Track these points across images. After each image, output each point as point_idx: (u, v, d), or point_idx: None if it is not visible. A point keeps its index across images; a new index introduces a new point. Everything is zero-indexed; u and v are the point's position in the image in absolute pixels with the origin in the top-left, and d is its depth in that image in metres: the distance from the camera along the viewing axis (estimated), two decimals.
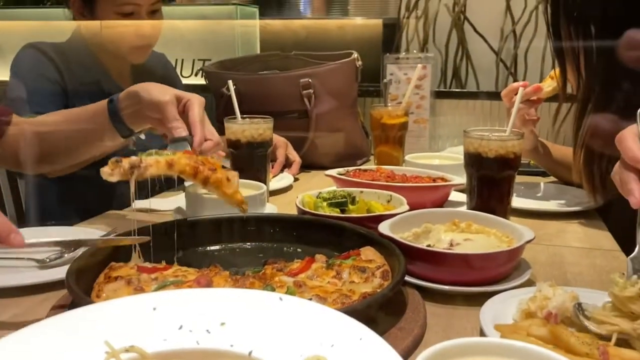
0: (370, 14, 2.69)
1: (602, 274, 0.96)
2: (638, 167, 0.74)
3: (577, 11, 1.11)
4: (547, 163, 1.48)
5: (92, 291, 0.76)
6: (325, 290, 0.76)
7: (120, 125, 1.12)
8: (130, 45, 1.55)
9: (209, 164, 0.94)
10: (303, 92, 1.67)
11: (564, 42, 1.17)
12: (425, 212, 1.02)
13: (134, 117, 1.11)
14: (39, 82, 1.48)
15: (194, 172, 0.92)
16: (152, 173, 0.89)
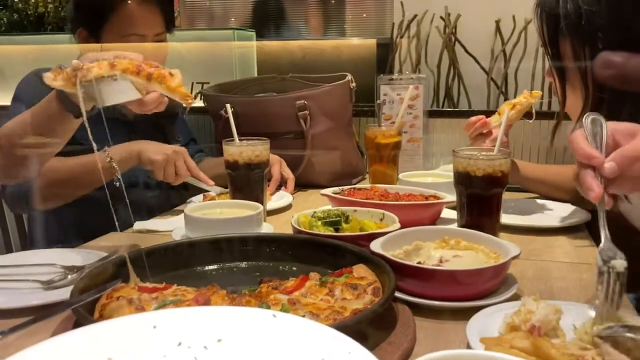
0: (366, 34, 2.75)
1: (587, 288, 0.99)
2: (592, 163, 0.79)
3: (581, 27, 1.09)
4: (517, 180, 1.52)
5: (95, 311, 0.79)
6: (318, 307, 0.79)
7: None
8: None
9: (150, 63, 0.98)
10: (299, 114, 1.72)
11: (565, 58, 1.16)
12: (415, 230, 1.05)
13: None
14: None
15: (136, 70, 0.95)
16: (96, 74, 0.92)
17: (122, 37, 1.53)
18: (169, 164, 1.42)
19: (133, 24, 1.54)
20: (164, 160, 1.41)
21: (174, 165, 1.42)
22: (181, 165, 1.43)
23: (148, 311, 0.76)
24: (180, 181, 1.45)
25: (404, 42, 2.12)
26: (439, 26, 2.09)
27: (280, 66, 2.84)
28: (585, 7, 1.08)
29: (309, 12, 5.37)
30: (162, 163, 1.41)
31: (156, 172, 1.42)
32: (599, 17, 1.08)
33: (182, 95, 0.99)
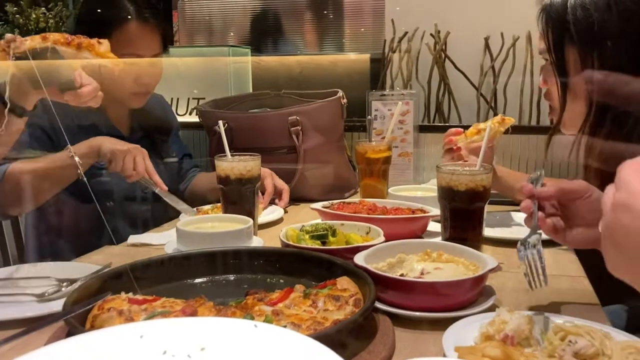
0: (362, 49, 2.80)
1: (565, 299, 1.02)
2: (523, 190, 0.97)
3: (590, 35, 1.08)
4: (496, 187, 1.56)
5: (87, 322, 0.83)
6: (300, 317, 0.83)
7: None
8: (130, 91, 1.65)
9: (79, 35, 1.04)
10: (291, 129, 1.76)
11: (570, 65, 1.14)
12: (399, 243, 1.09)
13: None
14: (32, 127, 1.57)
15: (67, 41, 1.00)
16: (29, 46, 0.97)
17: (120, 56, 1.58)
18: (128, 155, 1.45)
19: (132, 45, 1.60)
20: (123, 151, 1.44)
21: (133, 160, 1.45)
22: (140, 161, 1.46)
23: (137, 322, 0.79)
24: (136, 178, 1.46)
25: (396, 58, 2.17)
26: (429, 43, 2.14)
27: (278, 80, 2.89)
28: (596, 15, 1.07)
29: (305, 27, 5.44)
30: (121, 154, 1.44)
31: (115, 162, 1.44)
32: (610, 25, 1.07)
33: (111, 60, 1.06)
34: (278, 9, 5.64)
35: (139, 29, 1.61)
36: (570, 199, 0.95)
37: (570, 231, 0.97)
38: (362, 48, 2.87)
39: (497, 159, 1.66)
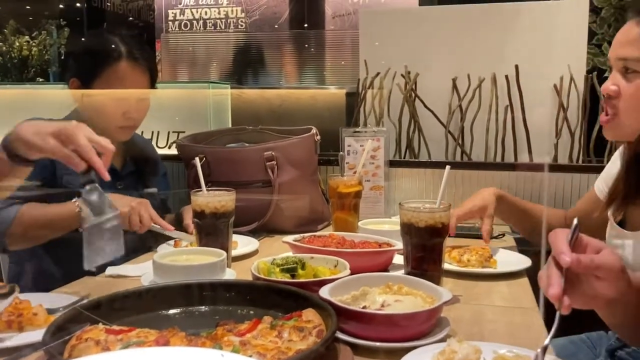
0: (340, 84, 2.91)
1: (516, 330, 1.09)
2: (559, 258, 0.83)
3: None
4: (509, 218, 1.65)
5: (65, 351, 0.88)
6: (266, 347, 0.89)
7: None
8: (117, 124, 1.72)
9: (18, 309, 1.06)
10: (267, 164, 1.83)
11: None
12: (363, 277, 1.16)
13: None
14: None
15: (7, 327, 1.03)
16: None
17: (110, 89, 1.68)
18: (133, 214, 1.55)
19: (122, 82, 1.70)
20: (129, 211, 1.54)
21: (138, 215, 1.55)
22: (145, 215, 1.56)
23: (112, 351, 0.85)
24: (144, 230, 1.58)
25: (369, 96, 2.27)
26: (400, 83, 2.24)
27: (259, 113, 2.98)
28: None
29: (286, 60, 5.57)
30: (127, 214, 1.54)
31: (122, 222, 1.50)
32: None
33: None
34: (261, 42, 5.78)
35: (129, 69, 1.71)
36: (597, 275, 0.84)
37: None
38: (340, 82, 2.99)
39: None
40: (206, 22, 6.28)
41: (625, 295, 0.87)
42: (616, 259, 0.85)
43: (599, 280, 0.84)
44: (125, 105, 1.71)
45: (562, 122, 2.15)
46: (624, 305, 0.90)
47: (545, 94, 2.19)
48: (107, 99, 1.69)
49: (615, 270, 0.84)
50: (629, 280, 0.88)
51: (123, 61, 1.69)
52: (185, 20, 6.32)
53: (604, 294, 0.85)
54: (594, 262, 0.83)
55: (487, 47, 2.23)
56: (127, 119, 1.73)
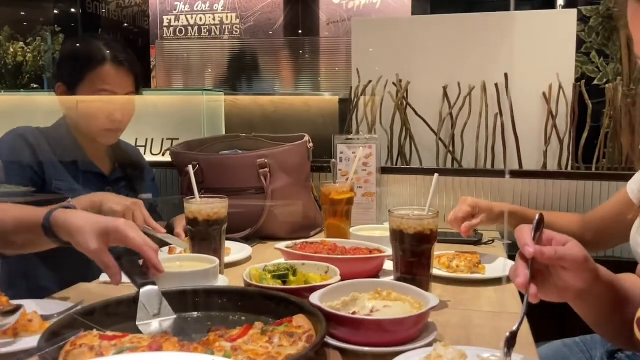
0: (334, 90, 2.94)
1: (502, 335, 1.10)
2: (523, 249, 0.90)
3: None
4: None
5: (60, 357, 0.90)
6: (256, 353, 0.91)
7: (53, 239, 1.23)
8: (102, 127, 1.75)
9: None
10: (260, 171, 1.86)
11: None
12: (352, 283, 1.18)
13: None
14: (14, 166, 1.67)
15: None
16: None
17: (95, 92, 1.72)
18: (127, 213, 1.55)
19: (106, 82, 1.73)
20: (123, 210, 1.55)
21: (132, 215, 1.56)
22: (138, 215, 1.57)
23: (106, 357, 0.87)
24: None
25: (361, 104, 2.30)
26: (391, 91, 2.27)
27: (252, 119, 3.01)
28: None
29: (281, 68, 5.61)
30: (121, 213, 1.54)
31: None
32: None
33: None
34: (255, 48, 5.81)
35: (113, 70, 1.74)
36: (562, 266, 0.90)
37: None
38: (335, 88, 3.02)
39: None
40: (201, 28, 6.32)
41: (593, 285, 0.92)
42: (580, 250, 0.90)
43: (565, 271, 0.90)
44: (111, 108, 1.74)
45: (551, 129, 2.19)
46: (595, 297, 0.95)
47: (534, 102, 2.23)
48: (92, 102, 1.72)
49: (579, 260, 0.89)
50: (596, 270, 0.93)
51: (107, 64, 1.73)
52: (180, 26, 6.36)
53: (571, 285, 0.91)
54: (557, 253, 0.89)
55: (477, 55, 2.27)
56: (113, 121, 1.75)
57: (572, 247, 0.91)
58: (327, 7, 6.00)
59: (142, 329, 1.04)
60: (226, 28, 6.29)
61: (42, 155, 1.70)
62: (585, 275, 0.91)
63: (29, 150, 1.69)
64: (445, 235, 1.86)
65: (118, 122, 1.77)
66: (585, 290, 0.92)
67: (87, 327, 0.98)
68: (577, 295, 0.94)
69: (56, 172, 1.70)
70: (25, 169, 1.67)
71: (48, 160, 1.70)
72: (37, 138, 1.73)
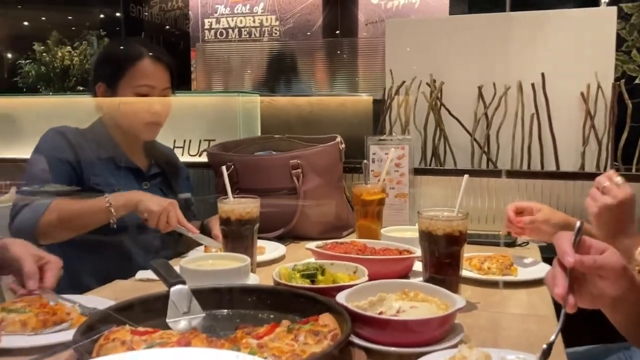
0: (372, 91, 2.94)
1: (530, 338, 1.10)
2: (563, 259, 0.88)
3: None
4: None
5: (94, 351, 0.94)
6: (282, 350, 0.93)
7: None
8: (142, 122, 1.81)
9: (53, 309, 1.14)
10: (292, 172, 1.88)
11: None
12: (380, 283, 1.19)
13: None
14: (54, 162, 1.74)
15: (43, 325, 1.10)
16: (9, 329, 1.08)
17: (134, 88, 1.79)
18: (163, 214, 1.60)
19: (145, 76, 1.80)
20: (159, 211, 1.60)
21: (166, 216, 1.60)
22: (173, 215, 1.61)
23: (136, 350, 0.90)
24: (170, 229, 1.63)
25: (394, 104, 2.30)
26: (425, 92, 2.26)
27: (288, 120, 3.03)
28: None
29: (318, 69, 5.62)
30: (157, 213, 1.59)
31: (151, 220, 1.60)
32: None
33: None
34: (293, 50, 5.85)
35: (152, 65, 1.81)
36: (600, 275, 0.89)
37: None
38: (372, 89, 3.01)
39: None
40: (241, 30, 6.40)
41: (629, 294, 0.90)
42: (618, 259, 0.89)
43: (603, 279, 0.89)
44: (150, 102, 1.80)
45: (590, 129, 2.14)
46: (629, 304, 0.93)
47: (572, 102, 2.18)
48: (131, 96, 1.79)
49: (617, 269, 0.88)
50: (632, 279, 0.91)
51: (145, 59, 1.80)
52: (221, 28, 6.45)
53: (608, 293, 0.89)
54: (597, 262, 0.88)
55: (513, 55, 2.23)
56: (153, 114, 1.81)
57: (610, 255, 0.90)
58: (366, 7, 5.99)
59: (171, 326, 1.07)
60: (266, 30, 6.36)
61: (81, 152, 1.77)
62: (621, 284, 0.89)
63: (68, 147, 1.76)
64: (478, 237, 1.85)
65: (157, 115, 1.83)
66: (621, 298, 0.90)
67: (120, 322, 1.02)
68: (612, 302, 0.92)
69: (94, 168, 1.77)
70: (65, 165, 1.73)
71: (86, 156, 1.77)
72: (75, 136, 1.80)
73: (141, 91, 1.79)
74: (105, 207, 1.59)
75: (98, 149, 1.81)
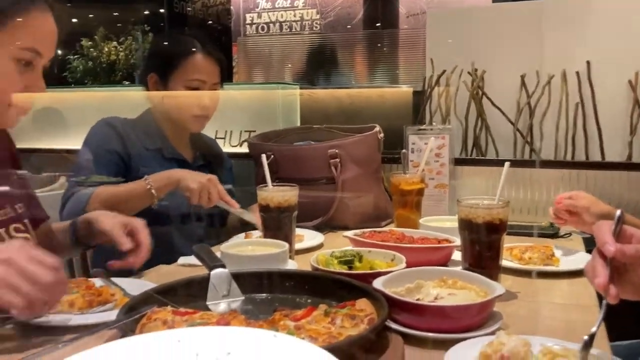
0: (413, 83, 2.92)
1: (571, 326, 1.08)
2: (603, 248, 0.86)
3: None
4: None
5: (137, 329, 0.97)
6: (318, 332, 0.94)
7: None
8: (191, 114, 1.84)
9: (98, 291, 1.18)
10: (330, 161, 1.89)
11: None
12: (418, 270, 1.19)
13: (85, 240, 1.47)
14: (103, 152, 1.78)
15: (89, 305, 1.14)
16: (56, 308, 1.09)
17: (186, 81, 1.82)
18: (203, 190, 1.62)
19: (198, 71, 1.83)
20: (199, 187, 1.62)
21: (207, 192, 1.63)
22: (214, 191, 1.63)
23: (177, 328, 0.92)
24: (211, 205, 1.65)
25: (435, 94, 2.27)
26: (466, 81, 2.23)
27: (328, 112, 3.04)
28: None
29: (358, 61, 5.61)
30: (197, 190, 1.62)
31: (192, 197, 1.63)
32: None
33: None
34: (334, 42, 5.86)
35: (204, 59, 1.84)
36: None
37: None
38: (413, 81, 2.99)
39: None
40: (282, 24, 6.44)
41: None
42: None
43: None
44: (200, 95, 1.83)
45: (637, 118, 2.07)
46: None
47: (618, 90, 2.12)
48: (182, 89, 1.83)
49: None
50: None
51: (198, 54, 1.83)
52: (262, 23, 6.50)
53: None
54: (639, 251, 0.85)
55: (557, 43, 2.18)
56: (202, 108, 1.84)
57: None
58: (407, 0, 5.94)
59: (211, 308, 1.10)
60: (306, 24, 6.38)
61: (129, 143, 1.81)
62: None
63: (117, 137, 1.81)
64: (520, 228, 1.82)
65: (206, 109, 1.87)
66: None
67: (162, 303, 1.04)
68: None
69: (142, 159, 1.81)
70: (113, 156, 1.78)
71: (135, 147, 1.81)
72: (124, 126, 1.84)
73: (192, 85, 1.83)
74: (146, 188, 1.62)
75: (146, 139, 1.85)
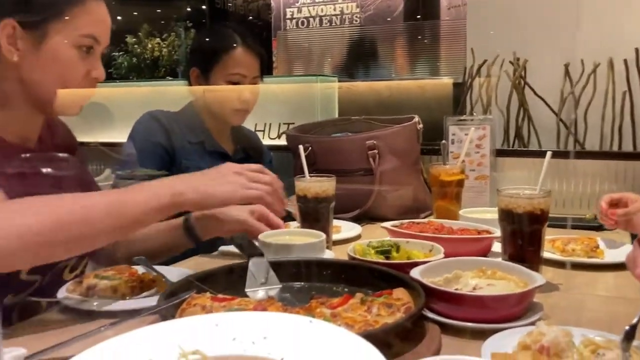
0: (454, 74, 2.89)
1: (615, 319, 1.05)
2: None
3: None
4: None
5: (177, 314, 0.99)
6: (354, 319, 0.94)
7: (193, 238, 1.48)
8: (232, 108, 1.87)
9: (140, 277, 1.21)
10: (368, 152, 1.88)
11: None
12: (456, 260, 1.17)
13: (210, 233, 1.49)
14: (149, 146, 1.82)
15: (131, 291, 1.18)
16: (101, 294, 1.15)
17: (227, 76, 1.84)
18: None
19: (239, 65, 1.85)
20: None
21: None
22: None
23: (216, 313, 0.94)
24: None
25: (476, 84, 2.24)
26: (508, 70, 2.19)
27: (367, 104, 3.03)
28: None
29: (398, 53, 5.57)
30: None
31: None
32: None
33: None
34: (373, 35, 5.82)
35: (245, 53, 1.86)
36: None
37: None
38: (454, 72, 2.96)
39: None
40: (322, 19, 6.44)
41: None
42: None
43: None
44: (241, 89, 1.85)
45: None
46: None
47: None
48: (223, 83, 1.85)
49: None
50: None
51: (239, 48, 1.85)
52: (302, 17, 6.52)
53: None
54: None
55: (603, 29, 2.11)
56: (243, 102, 1.86)
57: None
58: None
59: (249, 295, 1.11)
60: (346, 18, 6.35)
61: (173, 136, 1.85)
62: None
63: (162, 130, 1.84)
64: (563, 221, 1.78)
65: (247, 103, 1.89)
66: None
67: (201, 289, 1.07)
68: None
69: (185, 152, 1.84)
70: (158, 148, 1.82)
71: (178, 140, 1.85)
72: (169, 119, 1.88)
73: (233, 79, 1.85)
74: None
75: (189, 132, 1.88)
